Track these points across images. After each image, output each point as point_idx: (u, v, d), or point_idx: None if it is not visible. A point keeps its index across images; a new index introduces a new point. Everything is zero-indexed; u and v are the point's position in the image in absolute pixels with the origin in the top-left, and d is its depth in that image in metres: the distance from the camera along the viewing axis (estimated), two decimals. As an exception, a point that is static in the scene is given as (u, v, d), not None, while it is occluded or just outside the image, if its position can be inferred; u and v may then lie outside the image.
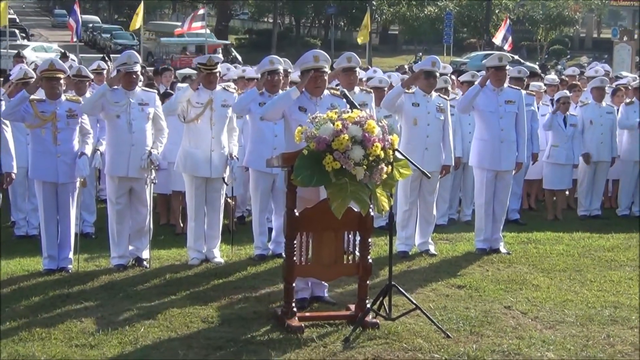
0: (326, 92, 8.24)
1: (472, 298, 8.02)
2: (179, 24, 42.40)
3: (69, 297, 8.00)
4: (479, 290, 8.29)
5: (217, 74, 9.40)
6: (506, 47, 32.38)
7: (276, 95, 8.72)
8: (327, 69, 8.43)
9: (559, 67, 31.41)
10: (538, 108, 12.46)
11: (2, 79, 12.01)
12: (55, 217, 8.86)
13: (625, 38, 48.86)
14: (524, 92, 10.92)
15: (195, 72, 10.09)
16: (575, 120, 12.39)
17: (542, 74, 18.46)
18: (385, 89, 10.79)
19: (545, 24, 57.89)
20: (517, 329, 7.09)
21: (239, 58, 40.82)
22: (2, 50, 33.18)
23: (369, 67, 20.96)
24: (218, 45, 42.27)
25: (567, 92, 12.86)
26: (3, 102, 9.00)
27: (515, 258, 9.63)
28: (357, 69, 9.75)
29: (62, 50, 24.52)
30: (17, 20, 41.97)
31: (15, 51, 25.00)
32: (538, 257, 9.66)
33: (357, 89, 9.42)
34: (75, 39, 29.35)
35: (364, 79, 11.25)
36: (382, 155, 6.59)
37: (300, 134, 6.74)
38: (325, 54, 8.45)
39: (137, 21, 23.48)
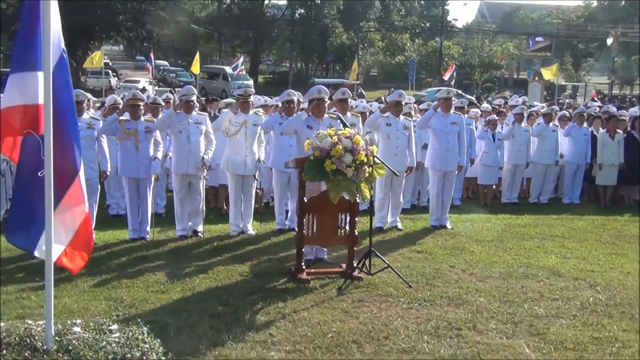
0: (326, 115, 8.29)
1: (427, 260, 8.05)
2: (224, 67, 42.39)
3: (147, 258, 8.05)
4: (431, 254, 8.32)
5: (250, 102, 9.44)
6: (452, 83, 32.19)
7: (292, 117, 8.75)
8: (327, 99, 8.48)
9: (490, 98, 31.27)
10: (476, 127, 12.48)
11: (99, 105, 12.05)
12: (137, 202, 8.90)
13: (536, 78, 48.78)
14: (465, 116, 10.97)
15: (234, 101, 10.11)
16: (500, 136, 12.40)
17: (478, 104, 18.41)
18: (367, 113, 10.80)
19: (479, 68, 57.80)
20: (458, 282, 7.13)
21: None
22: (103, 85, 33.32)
23: (356, 98, 20.87)
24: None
25: (495, 116, 12.86)
26: (100, 122, 9.04)
27: (457, 232, 9.65)
28: (349, 100, 9.78)
29: (142, 86, 24.52)
30: (110, 64, 41.84)
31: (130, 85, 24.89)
32: (473, 231, 9.68)
33: (348, 113, 9.43)
34: (151, 77, 29.40)
35: (353, 106, 11.24)
36: (365, 160, 6.63)
37: (308, 145, 6.79)
38: (326, 89, 8.47)
39: (195, 64, 23.53)
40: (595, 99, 37.44)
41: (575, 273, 7.57)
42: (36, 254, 2.70)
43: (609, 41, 52.98)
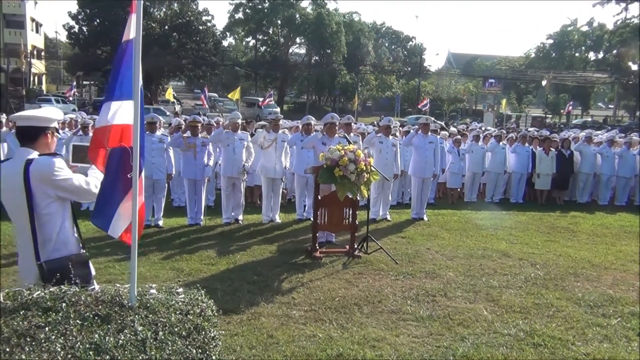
0: (336, 135, 8.25)
1: (409, 243, 7.99)
2: (259, 98, 42.48)
3: (200, 238, 8.01)
4: (412, 239, 8.26)
5: (279, 124, 9.42)
6: (426, 111, 31.96)
7: (310, 136, 8.72)
8: (337, 123, 8.45)
9: (455, 124, 31.17)
10: (446, 145, 12.40)
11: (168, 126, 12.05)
12: (194, 196, 8.88)
13: (489, 109, 48.55)
14: (438, 137, 10.88)
15: (267, 123, 10.11)
16: (464, 152, 12.31)
17: (447, 128, 18.30)
18: (366, 134, 10.75)
19: (447, 101, 57.62)
20: (432, 260, 7.06)
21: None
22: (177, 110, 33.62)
23: (356, 122, 20.79)
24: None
25: (460, 137, 12.77)
26: (168, 137, 9.04)
27: (431, 223, 9.58)
28: (352, 123, 9.74)
29: (199, 112, 24.62)
30: (175, 95, 41.98)
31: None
32: (443, 222, 9.61)
33: (352, 133, 9.39)
34: (206, 105, 29.49)
35: (355, 129, 11.18)
36: (365, 168, 6.60)
37: (322, 157, 6.75)
38: (337, 115, 8.47)
39: (236, 95, 23.57)
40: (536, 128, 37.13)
41: (520, 255, 7.50)
42: (109, 232, 2.70)
43: (544, 83, 52.63)
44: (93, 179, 3.03)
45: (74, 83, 38.90)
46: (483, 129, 16.40)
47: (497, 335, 4.70)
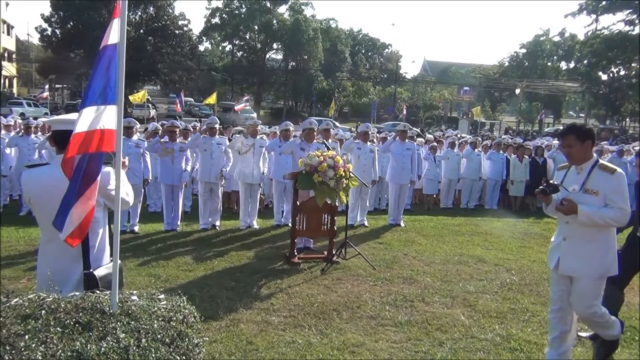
0: (315, 140, 8.28)
1: (387, 249, 8.04)
2: (233, 103, 42.37)
3: (177, 244, 7.95)
4: (390, 245, 8.31)
5: (257, 129, 9.41)
6: (402, 119, 32.21)
7: (288, 141, 8.73)
8: (315, 129, 8.47)
9: (431, 131, 31.53)
10: (422, 152, 12.53)
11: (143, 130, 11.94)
12: (171, 202, 8.81)
13: (464, 117, 49.21)
14: (415, 143, 11.00)
15: (244, 129, 10.11)
16: (440, 158, 12.47)
17: (423, 135, 18.49)
18: (344, 140, 10.81)
19: (423, 108, 58.28)
20: (410, 266, 7.12)
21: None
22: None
23: (334, 128, 20.89)
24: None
25: (436, 144, 12.94)
26: (145, 142, 8.95)
27: (408, 228, 9.66)
28: (331, 129, 9.78)
29: (176, 117, 24.36)
30: (150, 99, 41.49)
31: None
32: (420, 228, 9.70)
33: (330, 140, 9.44)
34: (180, 110, 29.21)
35: (333, 135, 11.24)
36: (343, 174, 6.64)
37: (301, 163, 6.77)
38: (315, 121, 8.49)
39: (213, 100, 23.40)
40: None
41: (496, 260, 7.61)
42: (62, 234, 2.59)
43: (517, 91, 53.60)
44: (128, 189, 3.10)
45: (46, 86, 38.16)
46: (458, 136, 16.62)
47: (475, 340, 4.76)
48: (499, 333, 4.92)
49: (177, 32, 49.05)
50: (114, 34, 2.50)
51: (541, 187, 3.94)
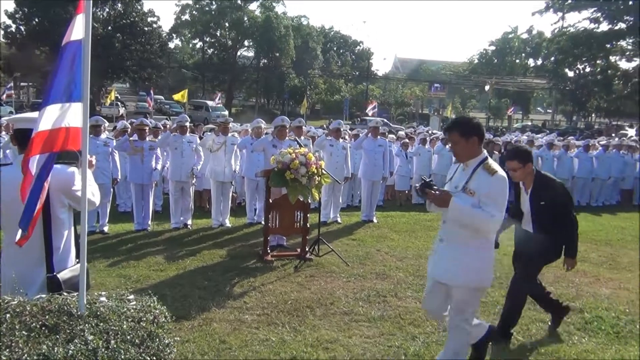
0: (287, 137, 8.26)
1: (360, 245, 8.08)
2: (206, 101, 42.03)
3: (148, 244, 7.86)
4: (363, 241, 8.35)
5: (229, 127, 9.33)
6: (372, 115, 32.16)
7: (260, 139, 8.69)
8: (287, 126, 8.46)
9: (402, 127, 31.73)
10: (394, 148, 12.61)
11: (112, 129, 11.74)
12: (141, 201, 8.68)
13: (435, 113, 49.75)
14: (387, 140, 11.07)
15: (216, 126, 10.03)
16: (411, 155, 12.57)
17: (394, 132, 18.61)
18: (316, 137, 10.82)
19: (395, 105, 58.70)
20: (383, 261, 7.17)
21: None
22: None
23: (306, 125, 20.85)
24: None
25: (407, 140, 13.04)
26: (114, 141, 8.80)
27: (381, 224, 9.72)
28: (303, 126, 9.76)
29: (146, 114, 23.99)
30: (119, 97, 40.89)
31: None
32: (392, 224, 9.77)
33: (302, 137, 9.42)
34: (150, 108, 28.80)
35: (305, 132, 11.23)
36: (316, 171, 6.64)
37: (273, 160, 6.75)
38: (287, 119, 8.47)
39: (184, 97, 23.08)
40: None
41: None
42: (17, 235, 2.51)
43: (487, 87, 54.47)
44: (94, 189, 3.01)
45: (11, 84, 37.16)
46: (429, 132, 16.79)
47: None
48: (471, 326, 4.98)
49: (146, 29, 48.29)
50: (78, 30, 2.45)
51: (420, 184, 3.70)
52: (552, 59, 47.88)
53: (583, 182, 13.63)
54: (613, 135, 33.56)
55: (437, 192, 3.56)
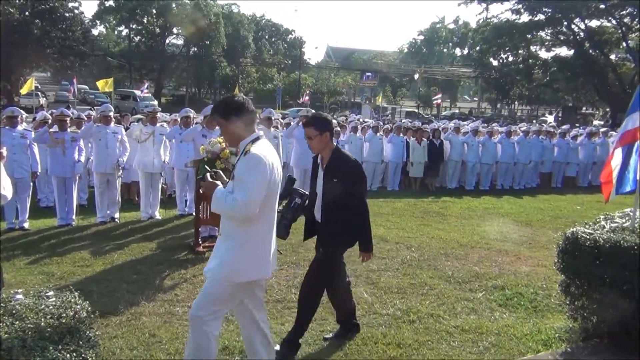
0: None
1: (292, 233, 7.96)
2: (134, 90, 40.65)
3: (73, 240, 7.53)
4: (296, 229, 8.21)
5: (157, 117, 9.09)
6: (303, 101, 32.18)
7: (189, 128, 8.52)
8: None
9: (335, 116, 31.97)
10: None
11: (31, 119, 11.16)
12: (64, 195, 8.31)
13: (367, 102, 50.43)
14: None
15: (144, 116, 9.74)
16: (343, 143, 12.70)
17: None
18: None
19: (327, 94, 59.01)
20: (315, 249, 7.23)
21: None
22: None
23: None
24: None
25: (339, 128, 13.16)
26: (32, 132, 8.38)
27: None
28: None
29: (69, 105, 22.87)
30: (39, 87, 38.79)
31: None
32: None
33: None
34: (72, 98, 27.50)
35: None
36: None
37: (203, 150, 6.65)
38: (216, 108, 8.32)
39: (110, 87, 22.13)
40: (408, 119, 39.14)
41: (397, 239, 7.92)
42: None
43: (416, 76, 55.71)
44: (6, 182, 2.87)
45: None
46: (361, 120, 17.02)
47: (377, 316, 4.95)
48: (400, 307, 5.15)
49: (67, 14, 45.91)
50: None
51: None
52: (478, 48, 49.51)
53: (506, 166, 14.30)
54: (534, 121, 35.33)
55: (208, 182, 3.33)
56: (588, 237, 4.26)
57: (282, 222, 4.18)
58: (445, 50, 70.52)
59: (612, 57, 42.22)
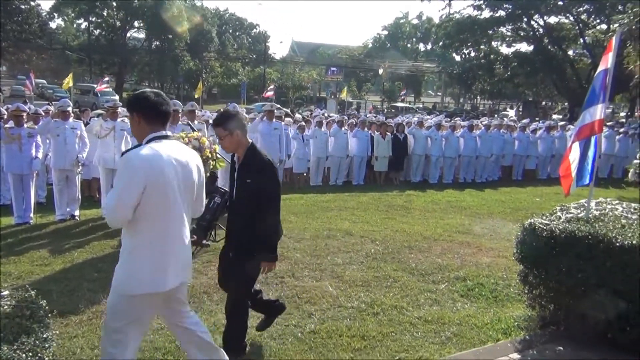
0: (179, 122, 8.04)
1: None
2: (94, 85, 39.71)
3: (31, 238, 7.34)
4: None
5: (118, 112, 8.91)
6: (270, 98, 31.99)
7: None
8: (180, 110, 8.23)
9: (300, 111, 31.90)
10: (291, 131, 12.68)
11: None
12: (21, 194, 8.09)
13: (332, 96, 50.54)
14: (283, 123, 11.10)
15: (104, 111, 9.52)
16: (308, 137, 12.72)
17: (292, 114, 18.72)
18: (210, 121, 10.61)
19: (292, 89, 58.84)
20: (280, 243, 7.00)
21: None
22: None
23: (202, 109, 20.33)
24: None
25: (304, 123, 13.17)
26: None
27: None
28: (197, 111, 9.54)
29: (25, 100, 22.17)
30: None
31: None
32: (291, 207, 9.83)
33: (196, 121, 9.21)
34: (30, 93, 26.71)
35: (200, 116, 10.98)
36: (210, 155, 6.55)
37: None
38: (179, 102, 8.25)
39: (69, 82, 21.54)
40: (371, 112, 39.41)
41: (362, 233, 7.98)
42: None
43: (381, 71, 56.12)
44: None
45: None
46: (326, 115, 17.06)
47: (342, 309, 4.99)
48: (364, 300, 5.21)
49: (23, 7, 44.65)
50: None
51: None
52: (440, 44, 50.14)
53: (468, 160, 14.57)
54: (496, 116, 36.02)
55: None
56: (545, 227, 4.38)
57: (200, 224, 4.03)
58: (409, 45, 71.13)
59: (570, 52, 43.38)
